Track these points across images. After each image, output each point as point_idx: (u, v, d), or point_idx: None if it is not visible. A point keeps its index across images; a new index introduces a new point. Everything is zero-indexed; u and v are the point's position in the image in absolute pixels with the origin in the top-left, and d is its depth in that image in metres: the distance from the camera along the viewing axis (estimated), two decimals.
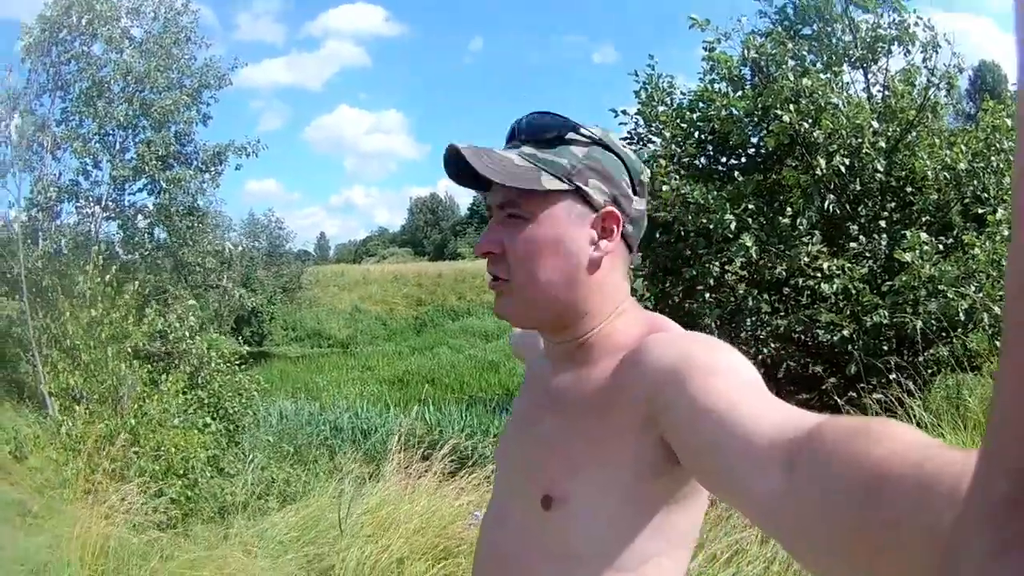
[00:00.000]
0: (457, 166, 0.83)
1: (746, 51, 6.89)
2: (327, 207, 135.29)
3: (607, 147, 0.85)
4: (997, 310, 5.04)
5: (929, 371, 4.98)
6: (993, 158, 6.41)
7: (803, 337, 6.21)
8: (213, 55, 9.37)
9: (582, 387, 0.82)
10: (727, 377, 0.66)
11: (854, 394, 4.65)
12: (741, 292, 6.44)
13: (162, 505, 5.03)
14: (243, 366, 9.23)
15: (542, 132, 0.84)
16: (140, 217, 8.68)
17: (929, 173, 6.45)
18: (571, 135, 0.84)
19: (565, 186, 0.81)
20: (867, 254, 6.40)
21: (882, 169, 6.46)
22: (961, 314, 5.20)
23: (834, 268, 5.98)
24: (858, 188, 6.62)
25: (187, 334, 7.56)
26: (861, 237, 6.41)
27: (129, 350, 5.93)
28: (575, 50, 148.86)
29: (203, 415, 7.05)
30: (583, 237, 0.83)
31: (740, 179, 6.75)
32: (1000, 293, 5.08)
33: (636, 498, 0.75)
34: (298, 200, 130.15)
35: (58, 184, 8.05)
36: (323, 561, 4.03)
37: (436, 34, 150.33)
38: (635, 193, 0.87)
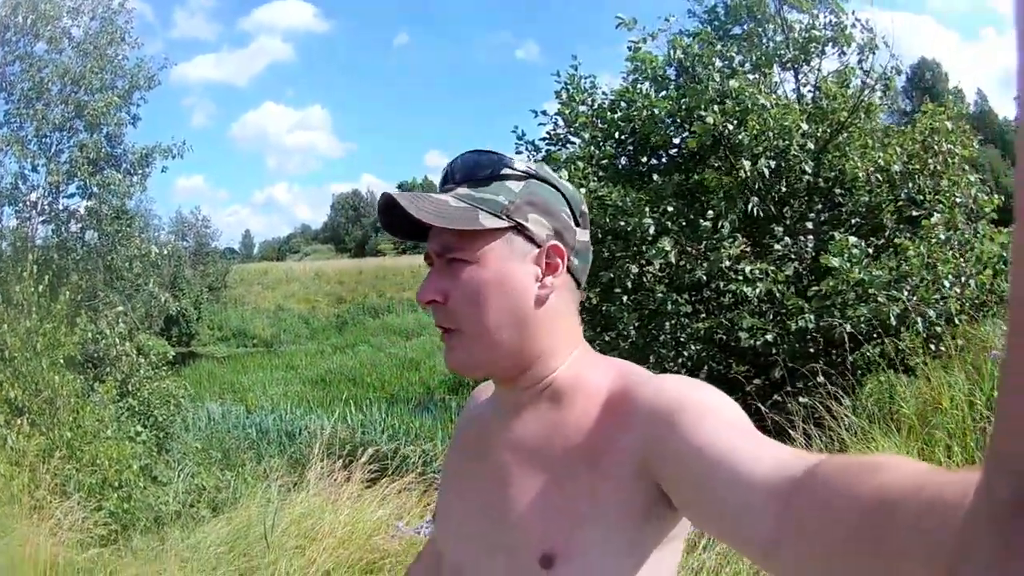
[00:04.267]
0: (391, 215, 0.80)
1: (672, 51, 6.71)
2: (251, 204, 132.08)
3: (544, 180, 0.83)
4: (932, 314, 5.00)
5: (859, 373, 4.87)
6: (930, 160, 6.23)
7: (726, 339, 6.02)
8: (144, 56, 9.16)
9: (563, 437, 0.78)
10: (717, 419, 0.67)
11: (779, 398, 4.58)
12: (660, 295, 6.27)
13: (101, 519, 5.04)
14: (171, 368, 9.08)
15: (476, 171, 0.81)
16: (73, 221, 8.42)
17: (860, 174, 6.30)
18: (506, 171, 0.81)
19: (504, 223, 0.79)
20: (792, 256, 6.24)
21: (809, 171, 6.31)
22: (893, 319, 4.98)
23: (756, 272, 5.81)
24: (784, 189, 6.50)
25: (116, 340, 7.44)
26: (786, 239, 6.23)
27: (62, 360, 5.84)
28: (499, 47, 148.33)
29: (133, 424, 6.98)
30: (528, 275, 0.80)
31: (660, 181, 6.59)
32: (935, 297, 5.17)
33: (634, 545, 0.73)
34: (224, 198, 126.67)
35: None
36: (255, 574, 4.00)
37: (362, 30, 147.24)
38: (577, 224, 0.84)
